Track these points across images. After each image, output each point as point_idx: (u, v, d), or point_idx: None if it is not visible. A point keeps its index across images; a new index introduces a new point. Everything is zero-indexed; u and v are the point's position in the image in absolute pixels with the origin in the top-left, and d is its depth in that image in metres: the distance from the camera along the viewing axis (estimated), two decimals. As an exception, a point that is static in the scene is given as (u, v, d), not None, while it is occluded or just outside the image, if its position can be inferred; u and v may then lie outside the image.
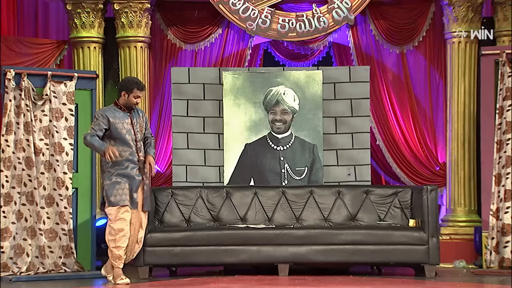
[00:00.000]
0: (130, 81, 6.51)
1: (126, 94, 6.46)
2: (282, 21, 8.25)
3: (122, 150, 6.42)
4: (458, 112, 8.12)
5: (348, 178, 7.78)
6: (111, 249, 6.39)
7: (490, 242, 7.14)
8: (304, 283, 6.17)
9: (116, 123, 6.43)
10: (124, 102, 6.49)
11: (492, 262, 7.12)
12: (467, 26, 8.11)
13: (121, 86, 6.54)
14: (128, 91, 6.46)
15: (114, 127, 6.42)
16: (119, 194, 6.37)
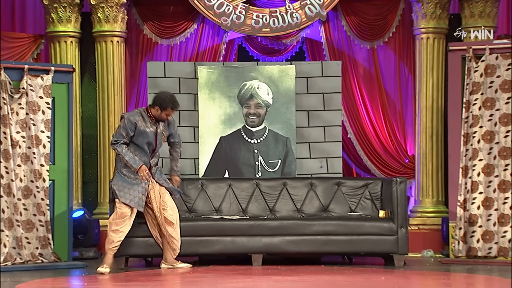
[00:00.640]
0: (166, 100, 6.60)
1: (159, 110, 6.61)
2: (256, 17, 8.35)
3: (137, 155, 6.63)
4: (426, 106, 8.27)
5: (320, 171, 7.89)
6: (109, 232, 6.54)
7: (458, 232, 7.30)
8: (277, 273, 6.24)
9: (142, 132, 6.61)
10: (155, 114, 6.65)
11: (460, 252, 7.28)
12: (435, 23, 8.26)
13: (156, 100, 6.62)
14: (162, 108, 6.61)
15: (139, 134, 6.60)
16: (129, 194, 6.57)
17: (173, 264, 6.72)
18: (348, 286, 5.47)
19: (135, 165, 6.53)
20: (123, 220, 6.57)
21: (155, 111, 6.64)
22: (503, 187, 7.26)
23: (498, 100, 7.36)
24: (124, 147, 6.57)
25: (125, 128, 6.58)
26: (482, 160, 7.33)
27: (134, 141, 6.64)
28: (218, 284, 5.58)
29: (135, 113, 6.70)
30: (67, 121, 7.32)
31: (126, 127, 6.58)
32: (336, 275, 6.12)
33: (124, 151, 6.55)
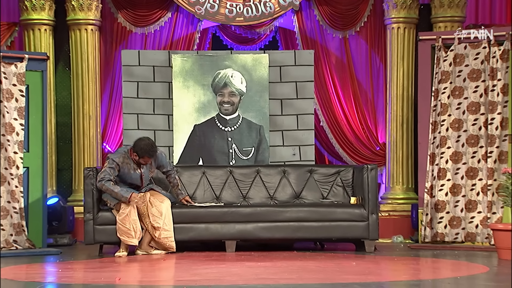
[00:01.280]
0: (143, 149, 6.76)
1: (137, 156, 6.77)
2: (230, 6, 8.39)
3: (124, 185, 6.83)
4: (397, 95, 8.37)
5: (293, 158, 7.98)
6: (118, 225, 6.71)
7: (425, 218, 7.45)
8: (251, 259, 6.31)
9: (125, 173, 6.80)
10: (134, 159, 6.82)
11: (426, 237, 7.43)
12: (405, 13, 8.35)
13: (135, 147, 6.77)
14: (139, 156, 6.77)
15: (123, 175, 6.79)
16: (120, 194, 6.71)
17: (148, 250, 6.79)
18: (320, 271, 5.57)
19: (126, 194, 6.69)
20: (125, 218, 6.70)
21: (134, 156, 6.81)
22: (471, 174, 7.41)
23: (466, 88, 7.50)
24: (111, 183, 6.71)
25: (111, 168, 6.74)
26: (451, 148, 7.47)
27: (122, 179, 6.83)
28: (192, 270, 5.64)
29: (120, 155, 6.83)
30: (41, 109, 7.32)
31: (111, 167, 6.74)
32: (308, 261, 6.19)
33: (111, 187, 6.71)
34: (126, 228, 6.70)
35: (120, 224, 6.72)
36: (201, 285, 4.80)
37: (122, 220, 6.71)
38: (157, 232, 6.76)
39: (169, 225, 6.79)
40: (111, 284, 5.00)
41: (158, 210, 6.79)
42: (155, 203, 6.83)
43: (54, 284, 5.12)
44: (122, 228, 6.72)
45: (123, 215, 6.72)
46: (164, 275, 5.48)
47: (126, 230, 6.70)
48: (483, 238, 7.28)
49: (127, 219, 6.70)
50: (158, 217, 6.77)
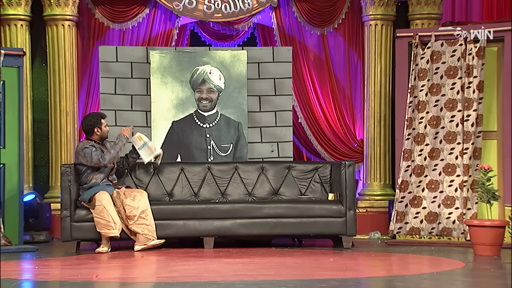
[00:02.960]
0: (95, 116, 6.94)
1: (98, 129, 6.86)
2: (208, 2, 8.37)
3: (98, 179, 6.85)
4: (375, 92, 8.41)
5: (271, 155, 7.99)
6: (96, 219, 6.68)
7: (394, 213, 7.49)
8: (229, 255, 6.32)
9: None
10: (99, 136, 6.90)
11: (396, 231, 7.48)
12: (383, 10, 8.40)
13: (90, 124, 6.88)
14: (98, 125, 6.85)
15: None
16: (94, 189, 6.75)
17: (146, 243, 6.77)
18: (298, 267, 5.59)
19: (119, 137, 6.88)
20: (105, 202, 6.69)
21: (97, 134, 6.90)
22: (449, 170, 7.47)
23: (443, 86, 7.56)
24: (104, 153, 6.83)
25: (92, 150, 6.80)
26: (429, 145, 7.53)
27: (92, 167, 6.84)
28: (170, 266, 5.64)
29: (85, 143, 6.91)
30: (17, 105, 7.28)
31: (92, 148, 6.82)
32: (286, 257, 6.21)
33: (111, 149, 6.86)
34: (105, 220, 6.68)
35: (98, 217, 6.69)
36: (179, 282, 4.80)
37: (99, 213, 6.69)
38: (131, 221, 6.73)
39: (148, 218, 6.76)
40: (88, 281, 4.98)
41: (134, 201, 6.78)
42: (132, 194, 6.81)
43: (30, 281, 5.10)
44: (101, 222, 6.69)
45: (99, 208, 6.70)
46: (142, 272, 5.47)
47: (105, 223, 6.68)
48: (459, 233, 7.35)
49: (104, 211, 6.67)
50: (135, 207, 6.75)
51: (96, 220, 6.72)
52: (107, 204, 6.69)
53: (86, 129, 6.94)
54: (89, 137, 6.95)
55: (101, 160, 6.81)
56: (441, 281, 4.92)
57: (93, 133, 6.91)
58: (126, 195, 6.82)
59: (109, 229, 6.68)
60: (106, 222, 6.68)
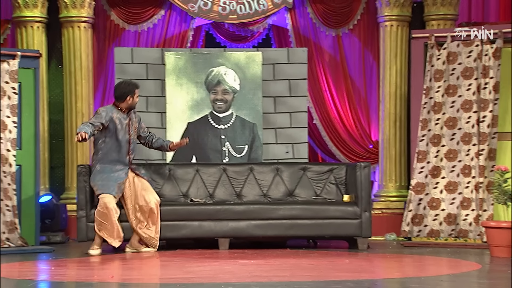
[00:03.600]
0: (131, 85, 6.78)
1: (131, 98, 6.73)
2: (223, 4, 8.39)
3: (114, 151, 6.72)
4: (390, 93, 8.39)
5: (286, 156, 7.99)
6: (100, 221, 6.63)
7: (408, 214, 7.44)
8: (244, 256, 6.31)
9: (117, 122, 6.70)
10: (128, 105, 6.77)
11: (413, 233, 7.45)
12: (398, 10, 8.38)
13: (125, 92, 6.74)
14: (132, 94, 6.73)
15: (114, 125, 6.69)
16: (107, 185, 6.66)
17: (138, 248, 6.78)
18: (313, 269, 5.58)
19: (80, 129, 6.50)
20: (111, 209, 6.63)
21: (128, 102, 6.76)
22: (466, 171, 7.43)
23: (460, 87, 7.52)
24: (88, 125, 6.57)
25: (98, 117, 6.68)
26: (445, 146, 7.50)
27: (109, 133, 6.73)
28: (185, 267, 5.64)
29: (108, 107, 6.82)
30: (33, 107, 7.31)
31: (99, 115, 6.68)
32: (302, 259, 6.20)
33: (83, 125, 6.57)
34: (109, 226, 6.63)
35: (101, 219, 6.63)
36: (194, 283, 4.80)
37: (104, 218, 6.63)
38: (140, 224, 6.72)
39: (155, 223, 6.76)
40: (104, 282, 5.00)
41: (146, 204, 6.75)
42: (146, 197, 6.78)
43: (47, 282, 5.12)
44: (105, 225, 6.63)
45: (104, 214, 6.63)
46: (157, 273, 5.48)
47: (110, 228, 6.63)
48: (475, 235, 7.31)
49: (109, 220, 6.63)
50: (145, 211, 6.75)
51: (98, 220, 6.66)
52: (113, 213, 6.63)
53: (119, 95, 6.76)
54: (118, 103, 6.78)
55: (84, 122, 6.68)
56: (458, 283, 4.89)
57: (124, 100, 6.75)
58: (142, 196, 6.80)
59: (109, 235, 6.64)
60: (110, 228, 6.64)
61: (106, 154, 6.76)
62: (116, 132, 6.73)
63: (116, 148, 6.75)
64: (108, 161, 6.75)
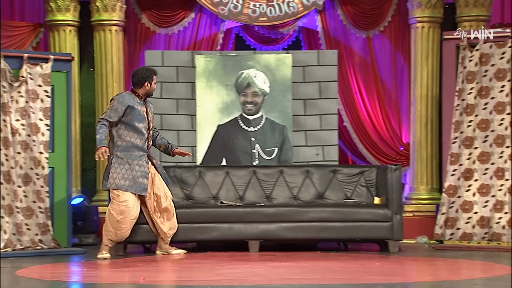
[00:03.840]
0: (149, 70, 6.70)
1: (149, 84, 6.67)
2: (253, 6, 8.41)
3: (132, 137, 6.64)
4: (421, 95, 8.33)
5: (317, 158, 7.98)
6: (112, 227, 6.57)
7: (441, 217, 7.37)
8: (274, 259, 6.29)
9: (135, 109, 6.62)
10: (146, 91, 6.70)
11: (445, 236, 7.39)
12: (430, 12, 8.32)
13: (143, 77, 6.66)
14: (150, 80, 6.67)
15: (132, 113, 6.60)
16: (119, 178, 6.59)
17: (168, 250, 6.79)
18: (344, 271, 5.55)
19: (97, 143, 6.52)
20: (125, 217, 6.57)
21: (146, 88, 6.68)
22: (499, 174, 7.35)
23: (492, 88, 7.43)
24: (103, 127, 6.56)
25: (115, 109, 6.60)
26: (478, 148, 7.41)
27: (128, 121, 6.64)
28: (216, 270, 5.65)
29: (124, 94, 6.74)
30: (66, 109, 7.37)
31: (116, 107, 6.60)
32: (332, 261, 6.17)
33: (98, 128, 6.56)
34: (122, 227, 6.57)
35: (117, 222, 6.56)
36: (225, 285, 4.80)
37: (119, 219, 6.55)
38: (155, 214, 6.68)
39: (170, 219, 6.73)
40: (136, 283, 5.02)
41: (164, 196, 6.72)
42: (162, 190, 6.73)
43: (79, 284, 5.16)
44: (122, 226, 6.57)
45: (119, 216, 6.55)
46: (187, 275, 5.49)
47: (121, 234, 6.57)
48: (508, 238, 7.22)
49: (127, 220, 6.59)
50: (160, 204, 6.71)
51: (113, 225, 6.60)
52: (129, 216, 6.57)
53: (137, 81, 6.68)
54: (135, 89, 6.70)
55: (98, 121, 6.60)
56: (491, 286, 4.83)
57: (142, 86, 6.67)
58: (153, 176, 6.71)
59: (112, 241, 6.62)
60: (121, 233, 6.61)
61: (125, 140, 6.64)
62: (134, 119, 6.63)
63: (134, 135, 6.65)
64: (127, 147, 6.63)
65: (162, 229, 6.73)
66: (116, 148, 6.66)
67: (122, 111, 6.59)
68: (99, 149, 6.52)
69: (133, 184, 6.60)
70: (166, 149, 6.98)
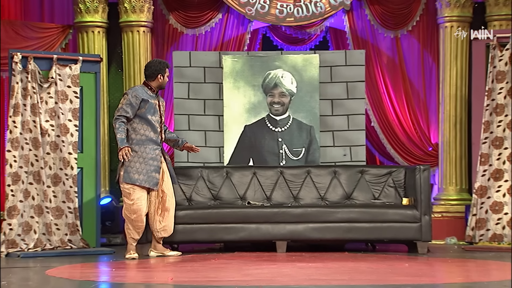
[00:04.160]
0: (161, 63, 6.75)
1: (161, 76, 6.71)
2: (280, 6, 8.40)
3: (146, 130, 6.67)
4: (450, 94, 8.28)
5: (344, 159, 7.94)
6: (130, 225, 6.65)
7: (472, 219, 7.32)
8: (302, 259, 6.29)
9: (149, 102, 6.66)
10: (159, 83, 6.74)
11: (476, 238, 7.32)
12: (459, 11, 8.26)
13: (156, 70, 6.70)
14: (163, 72, 6.71)
15: (146, 106, 6.63)
16: (133, 172, 6.62)
17: (163, 252, 6.76)
18: (372, 272, 5.52)
19: (120, 143, 6.55)
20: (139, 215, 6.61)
21: (158, 81, 6.72)
22: (530, 175, 7.27)
23: (523, 88, 7.36)
24: (122, 124, 6.60)
25: (130, 103, 6.63)
26: (508, 149, 7.33)
27: (143, 115, 6.66)
28: (243, 270, 5.65)
29: (137, 88, 6.77)
30: (94, 110, 7.43)
31: (131, 101, 6.63)
32: (360, 262, 6.15)
33: (117, 126, 6.60)
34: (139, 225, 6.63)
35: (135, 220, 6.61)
36: (253, 286, 4.80)
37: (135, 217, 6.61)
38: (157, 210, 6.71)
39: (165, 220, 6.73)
40: (164, 283, 5.04)
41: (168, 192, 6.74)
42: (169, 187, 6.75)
43: (107, 284, 5.19)
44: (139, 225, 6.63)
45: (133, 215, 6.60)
46: (215, 275, 5.50)
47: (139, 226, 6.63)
48: (539, 239, 7.14)
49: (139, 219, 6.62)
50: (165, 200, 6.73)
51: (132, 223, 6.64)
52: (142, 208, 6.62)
53: (150, 73, 6.71)
54: (148, 82, 6.74)
55: (115, 119, 6.63)
56: (522, 288, 4.77)
57: (154, 79, 6.71)
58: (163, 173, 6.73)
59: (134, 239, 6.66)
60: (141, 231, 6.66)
61: (139, 134, 6.67)
62: (148, 112, 6.65)
63: (148, 128, 6.67)
64: (142, 141, 6.65)
65: (156, 226, 6.71)
66: (131, 142, 6.68)
67: (137, 105, 6.63)
68: (122, 149, 6.57)
69: (147, 179, 6.63)
70: (176, 143, 7.02)
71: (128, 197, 6.64)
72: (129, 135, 6.70)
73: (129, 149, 6.58)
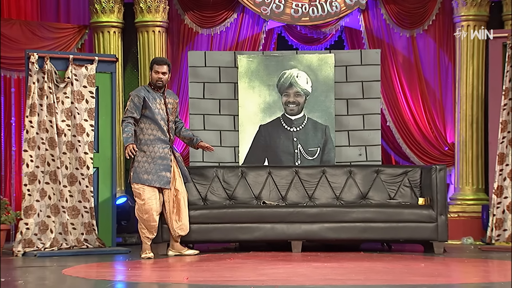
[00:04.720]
0: (152, 61, 6.86)
1: (151, 73, 6.78)
2: (295, 6, 8.40)
3: (154, 130, 6.70)
4: (466, 94, 8.24)
5: (359, 158, 7.92)
6: (144, 225, 6.69)
7: (492, 219, 7.29)
8: (317, 259, 6.29)
9: (150, 102, 6.70)
10: (152, 80, 6.79)
11: (493, 238, 7.28)
12: (475, 10, 8.21)
13: (150, 67, 6.84)
14: (151, 69, 6.78)
15: (148, 105, 6.69)
16: (142, 172, 6.66)
17: (181, 251, 6.78)
18: (388, 272, 5.50)
19: (125, 142, 6.61)
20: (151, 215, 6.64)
21: (150, 78, 6.79)
22: (546, 175, 7.22)
23: (539, 87, 7.31)
24: (129, 125, 6.65)
25: (134, 104, 6.70)
26: (525, 148, 7.30)
27: (148, 115, 6.71)
28: (259, 270, 5.65)
29: (139, 88, 6.87)
30: (110, 110, 7.45)
31: (134, 102, 6.70)
32: (376, 262, 6.14)
33: (123, 126, 6.66)
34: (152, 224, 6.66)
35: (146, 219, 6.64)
36: (268, 285, 4.80)
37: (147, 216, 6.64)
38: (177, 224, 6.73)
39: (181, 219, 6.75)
40: (179, 283, 5.05)
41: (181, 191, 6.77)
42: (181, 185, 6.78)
43: (123, 283, 5.21)
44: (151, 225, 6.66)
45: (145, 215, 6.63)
46: (231, 275, 5.51)
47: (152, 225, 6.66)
48: (556, 240, 7.09)
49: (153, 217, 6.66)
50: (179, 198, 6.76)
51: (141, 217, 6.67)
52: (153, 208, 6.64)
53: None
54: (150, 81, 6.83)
55: (123, 120, 6.68)
56: (539, 289, 4.74)
57: (151, 77, 6.82)
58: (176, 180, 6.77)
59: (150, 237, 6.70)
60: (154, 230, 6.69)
61: (147, 133, 6.71)
62: (151, 111, 6.69)
63: (155, 127, 6.71)
64: (150, 141, 6.69)
65: (173, 225, 6.75)
66: (139, 142, 6.73)
67: (141, 105, 6.70)
68: (127, 147, 6.61)
69: (156, 178, 6.66)
70: (191, 141, 7.04)
71: (139, 197, 6.68)
72: (137, 135, 6.75)
73: (134, 146, 6.63)
